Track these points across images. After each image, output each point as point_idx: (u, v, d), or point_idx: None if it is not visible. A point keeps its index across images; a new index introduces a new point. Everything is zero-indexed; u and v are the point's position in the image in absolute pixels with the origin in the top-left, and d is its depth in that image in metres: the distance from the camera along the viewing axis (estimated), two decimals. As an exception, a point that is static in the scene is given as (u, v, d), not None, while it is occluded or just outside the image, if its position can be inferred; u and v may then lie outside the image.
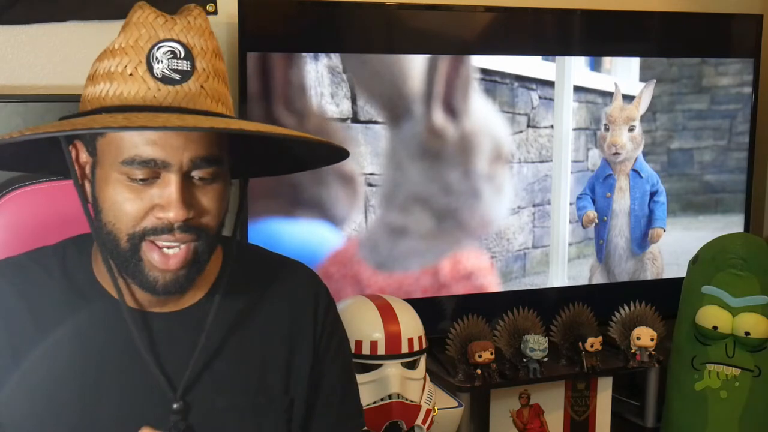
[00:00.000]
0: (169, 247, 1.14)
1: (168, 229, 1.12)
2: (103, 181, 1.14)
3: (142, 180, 1.12)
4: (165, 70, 1.12)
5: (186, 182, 1.13)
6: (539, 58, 2.46)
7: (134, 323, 1.18)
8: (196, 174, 1.13)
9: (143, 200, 1.12)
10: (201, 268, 1.18)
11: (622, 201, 2.58)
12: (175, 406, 1.18)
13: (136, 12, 1.15)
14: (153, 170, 1.11)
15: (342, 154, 1.24)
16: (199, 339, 1.20)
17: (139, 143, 1.10)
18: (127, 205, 1.12)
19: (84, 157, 1.18)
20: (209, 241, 1.17)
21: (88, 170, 1.18)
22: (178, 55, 1.13)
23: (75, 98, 1.25)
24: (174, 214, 1.11)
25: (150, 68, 1.12)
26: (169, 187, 1.11)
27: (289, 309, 1.29)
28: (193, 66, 1.13)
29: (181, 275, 1.16)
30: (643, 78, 2.57)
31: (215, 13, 2.19)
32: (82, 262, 1.24)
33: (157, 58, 1.12)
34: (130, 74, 1.12)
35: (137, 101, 1.12)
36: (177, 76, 1.12)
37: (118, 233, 1.14)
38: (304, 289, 1.32)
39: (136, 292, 1.21)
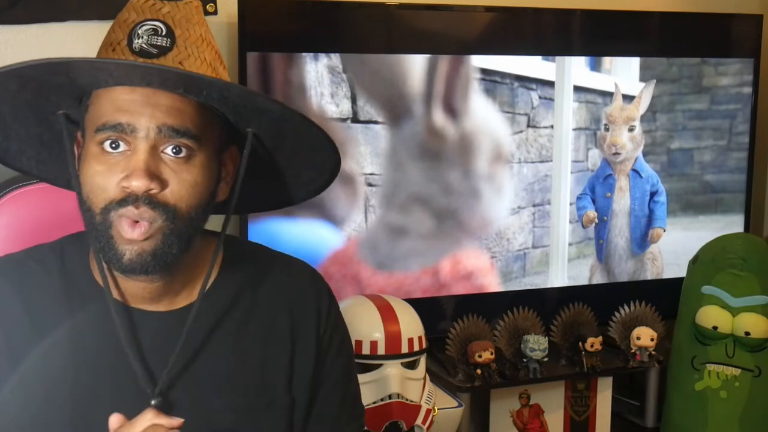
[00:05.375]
0: (134, 221, 1.13)
1: (132, 200, 1.11)
2: (84, 158, 1.16)
3: (112, 147, 1.12)
4: (143, 45, 1.15)
5: (155, 155, 1.12)
6: (539, 58, 2.46)
7: (117, 314, 1.17)
8: (167, 149, 1.13)
9: (113, 172, 1.12)
10: (169, 253, 1.14)
11: (622, 201, 2.58)
12: (153, 402, 1.16)
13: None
14: (122, 136, 1.12)
15: (331, 158, 1.25)
16: (190, 338, 1.19)
17: (110, 110, 1.13)
18: (98, 177, 1.13)
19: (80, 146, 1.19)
20: (177, 225, 1.14)
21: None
22: (159, 33, 1.16)
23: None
24: (136, 182, 1.11)
25: (130, 43, 1.15)
26: (136, 155, 1.12)
27: (290, 308, 1.28)
28: (173, 44, 1.16)
29: (145, 250, 1.13)
30: (643, 78, 2.56)
31: (215, 13, 2.19)
32: (80, 259, 1.24)
33: (138, 34, 1.16)
34: (113, 49, 1.16)
35: None
36: (154, 51, 1.15)
37: (94, 207, 1.14)
38: (306, 288, 1.31)
39: (128, 288, 1.20)
